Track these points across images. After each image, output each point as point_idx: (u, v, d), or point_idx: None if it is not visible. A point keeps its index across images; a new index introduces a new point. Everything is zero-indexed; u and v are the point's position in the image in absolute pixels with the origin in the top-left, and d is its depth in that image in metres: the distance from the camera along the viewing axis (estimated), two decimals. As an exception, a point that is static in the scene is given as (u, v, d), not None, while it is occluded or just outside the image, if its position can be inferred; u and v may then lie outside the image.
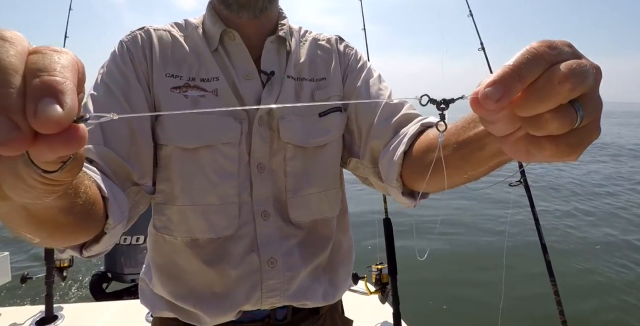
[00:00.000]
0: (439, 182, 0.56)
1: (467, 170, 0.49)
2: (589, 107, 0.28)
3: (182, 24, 0.76)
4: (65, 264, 2.17)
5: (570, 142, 0.29)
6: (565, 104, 0.28)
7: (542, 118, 0.27)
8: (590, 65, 0.28)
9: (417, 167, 0.60)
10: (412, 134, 0.62)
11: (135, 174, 0.64)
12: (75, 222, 0.43)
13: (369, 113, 0.72)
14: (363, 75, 0.77)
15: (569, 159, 0.30)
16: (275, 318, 0.76)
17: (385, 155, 0.66)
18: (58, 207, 0.37)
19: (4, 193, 0.25)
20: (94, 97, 0.64)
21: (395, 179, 0.63)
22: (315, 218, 0.76)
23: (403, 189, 0.64)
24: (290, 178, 0.73)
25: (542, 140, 0.29)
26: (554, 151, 0.29)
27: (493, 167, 0.47)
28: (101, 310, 2.08)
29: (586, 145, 0.30)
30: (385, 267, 1.89)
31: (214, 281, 0.72)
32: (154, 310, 0.77)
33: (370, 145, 0.71)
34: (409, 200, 0.64)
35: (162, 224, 0.72)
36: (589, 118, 0.28)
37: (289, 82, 0.73)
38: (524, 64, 0.27)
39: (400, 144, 0.63)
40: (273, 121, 0.71)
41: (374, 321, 1.92)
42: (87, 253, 0.53)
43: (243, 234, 0.71)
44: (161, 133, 0.67)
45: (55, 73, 0.22)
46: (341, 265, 0.83)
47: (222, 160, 0.68)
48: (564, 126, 0.27)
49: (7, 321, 1.94)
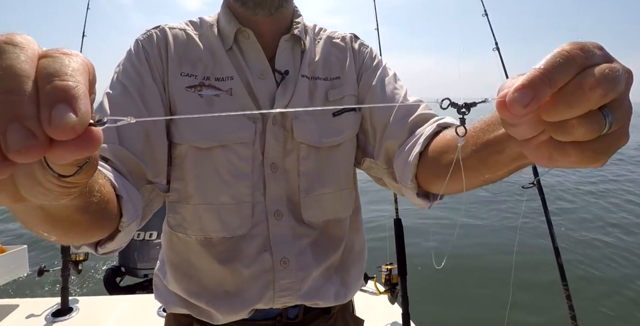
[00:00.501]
0: (456, 184, 0.54)
1: (484, 172, 0.47)
2: (618, 113, 0.27)
3: (197, 23, 0.76)
4: (80, 258, 2.22)
5: (596, 148, 0.27)
6: (594, 110, 0.26)
7: (569, 124, 0.26)
8: (622, 69, 0.27)
9: (432, 168, 0.59)
10: (428, 135, 0.61)
11: (149, 173, 0.64)
12: (90, 220, 0.44)
13: (384, 113, 0.72)
14: (378, 74, 0.76)
15: (594, 165, 0.29)
16: (287, 316, 0.76)
17: (400, 156, 0.66)
18: (73, 206, 0.37)
19: (21, 195, 0.25)
20: (109, 96, 0.65)
21: (410, 180, 0.62)
22: (328, 218, 0.76)
23: (418, 190, 0.63)
24: (304, 178, 0.73)
25: (566, 146, 0.28)
26: (578, 157, 0.27)
27: (512, 170, 0.45)
28: (115, 304, 2.12)
29: (613, 151, 0.28)
30: (395, 267, 1.88)
31: (226, 280, 0.72)
32: (167, 305, 0.78)
33: (385, 145, 0.70)
34: (423, 201, 0.63)
35: (176, 222, 0.73)
36: (617, 124, 0.27)
37: (303, 81, 0.73)
38: (555, 67, 0.26)
39: (416, 145, 0.62)
40: (287, 121, 0.71)
41: (383, 321, 1.92)
42: (102, 251, 0.54)
43: (256, 233, 0.71)
44: (176, 132, 0.68)
45: (66, 77, 0.22)
46: (353, 265, 0.82)
47: (235, 160, 0.69)
48: (591, 133, 0.26)
49: (24, 312, 1.99)
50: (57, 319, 1.92)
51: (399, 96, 0.72)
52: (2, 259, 2.01)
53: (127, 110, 0.63)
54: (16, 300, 2.11)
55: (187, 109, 0.68)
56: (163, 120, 0.68)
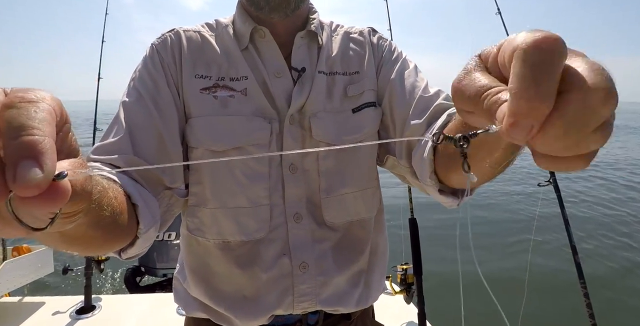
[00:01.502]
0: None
1: (483, 157, 0.43)
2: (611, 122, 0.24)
3: (212, 24, 0.75)
4: (103, 257, 2.28)
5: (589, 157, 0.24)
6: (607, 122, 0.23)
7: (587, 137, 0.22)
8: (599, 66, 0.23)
9: (443, 160, 0.56)
10: (439, 126, 0.58)
11: (166, 179, 0.63)
12: (105, 234, 0.43)
13: (403, 107, 0.68)
14: (397, 67, 0.73)
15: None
16: (307, 323, 0.75)
17: (417, 152, 0.62)
18: (85, 224, 0.36)
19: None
20: (125, 104, 0.64)
21: (429, 177, 0.58)
22: (351, 219, 0.73)
23: (441, 186, 0.59)
24: (324, 178, 0.70)
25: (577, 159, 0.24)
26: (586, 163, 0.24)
27: (507, 152, 0.40)
28: (135, 302, 2.17)
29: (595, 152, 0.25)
30: (410, 267, 1.88)
31: (245, 285, 0.71)
32: (187, 309, 0.77)
33: (405, 142, 0.67)
34: (448, 198, 0.58)
35: (194, 226, 0.72)
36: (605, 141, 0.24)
37: (320, 77, 0.70)
38: (537, 79, 0.21)
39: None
40: (305, 119, 0.69)
41: (399, 321, 1.92)
42: (125, 256, 0.55)
43: (275, 237, 0.70)
44: (191, 136, 0.67)
45: (33, 131, 0.22)
46: (377, 267, 0.79)
47: (251, 162, 0.67)
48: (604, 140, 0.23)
49: (50, 309, 2.06)
50: (81, 316, 1.99)
51: (419, 89, 0.68)
52: (29, 258, 2.09)
53: (141, 118, 0.63)
54: (42, 298, 2.19)
55: (202, 112, 0.67)
56: (176, 125, 0.66)
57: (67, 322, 1.93)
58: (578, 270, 1.34)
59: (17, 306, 2.10)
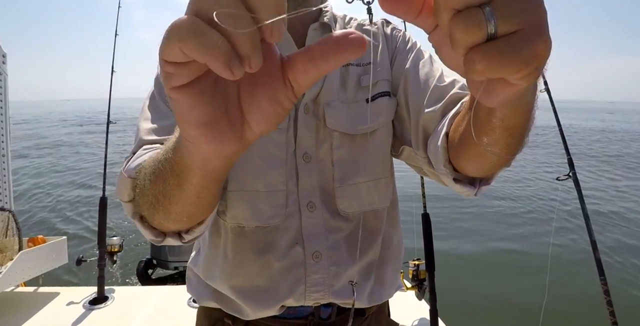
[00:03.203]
0: (477, 163, 0.51)
1: (480, 136, 0.43)
2: (504, 7, 0.23)
3: None
4: (115, 249, 2.31)
5: (499, 48, 0.23)
6: (472, 7, 0.23)
7: (446, 25, 0.24)
8: None
9: (454, 148, 0.55)
10: (452, 115, 0.57)
11: None
12: (214, 197, 0.47)
13: (418, 97, 0.68)
14: (412, 57, 0.72)
15: (516, 76, 0.25)
16: (320, 316, 0.74)
17: (432, 141, 0.62)
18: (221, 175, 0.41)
19: (253, 131, 0.31)
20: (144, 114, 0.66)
21: (443, 165, 0.57)
22: (364, 209, 0.73)
23: (455, 175, 0.58)
24: (338, 167, 0.70)
25: (470, 53, 0.24)
26: (484, 63, 0.24)
27: (497, 128, 0.41)
28: (147, 294, 2.20)
29: (526, 54, 0.24)
30: (422, 263, 1.86)
31: (257, 273, 0.71)
32: (199, 299, 0.78)
33: (421, 131, 0.66)
34: (466, 188, 0.57)
35: (221, 208, 0.72)
36: (509, 21, 0.23)
37: None
38: None
39: (443, 127, 0.58)
40: (319, 109, 0.69)
41: (410, 317, 1.90)
42: (189, 237, 0.53)
43: (289, 225, 0.70)
44: None
45: None
46: (390, 262, 0.79)
47: (270, 146, 0.68)
48: (469, 29, 0.23)
49: (65, 299, 2.10)
50: (94, 307, 2.01)
51: (433, 78, 0.67)
52: (44, 249, 2.12)
53: (159, 128, 0.63)
54: (57, 288, 2.23)
55: None
56: None
57: (81, 312, 1.96)
58: (598, 266, 1.30)
59: (32, 296, 2.14)
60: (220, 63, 0.24)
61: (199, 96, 0.28)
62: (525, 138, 0.44)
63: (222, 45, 0.24)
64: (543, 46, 0.24)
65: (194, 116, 0.28)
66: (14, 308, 2.01)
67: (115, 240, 2.30)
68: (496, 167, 0.51)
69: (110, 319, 1.92)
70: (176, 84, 0.27)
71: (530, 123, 0.41)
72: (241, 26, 0.24)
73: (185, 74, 0.26)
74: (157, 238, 0.52)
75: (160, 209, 0.46)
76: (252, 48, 0.25)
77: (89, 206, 6.19)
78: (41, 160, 10.65)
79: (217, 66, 0.24)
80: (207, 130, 0.29)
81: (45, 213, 6.11)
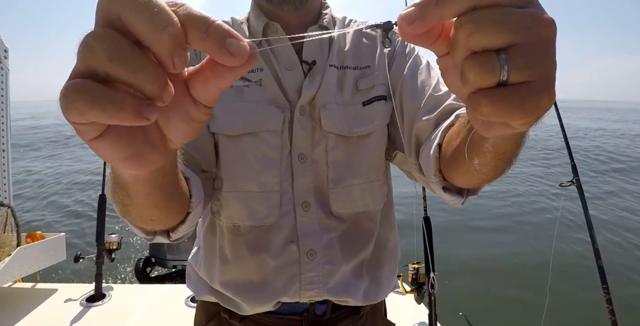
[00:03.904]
0: (467, 176, 0.54)
1: (472, 157, 0.46)
2: (520, 60, 0.24)
3: (229, 22, 0.78)
4: (114, 246, 2.30)
5: (507, 97, 0.24)
6: (489, 51, 0.24)
7: (462, 63, 0.25)
8: (525, 15, 0.24)
9: (445, 159, 0.57)
10: (446, 126, 0.59)
11: (202, 162, 0.67)
12: (180, 196, 0.50)
13: (413, 105, 0.69)
14: (409, 63, 0.73)
15: (517, 122, 0.26)
16: (315, 313, 0.76)
17: (424, 149, 0.64)
18: (170, 176, 0.43)
19: (169, 143, 0.31)
20: None
21: (434, 174, 0.60)
22: (357, 210, 0.75)
23: (445, 184, 0.60)
24: (332, 168, 0.72)
25: (477, 94, 0.25)
26: (490, 108, 0.25)
27: (489, 152, 0.43)
28: (145, 292, 2.19)
29: (531, 106, 0.25)
30: (422, 267, 1.84)
31: (253, 270, 0.73)
32: (198, 294, 0.80)
33: (414, 138, 0.68)
34: (452, 196, 0.60)
35: (215, 209, 0.74)
36: (520, 72, 0.24)
37: (331, 71, 0.72)
38: None
39: (436, 137, 0.60)
40: (315, 111, 0.71)
41: (409, 322, 1.88)
42: (175, 236, 0.56)
43: (284, 224, 0.72)
44: (211, 123, 0.69)
45: (213, 19, 0.26)
46: (386, 263, 0.80)
47: (264, 148, 0.69)
48: (482, 73, 0.24)
49: (62, 296, 2.09)
50: (92, 304, 2.01)
51: (429, 87, 0.69)
52: (42, 245, 2.12)
53: None
54: (55, 285, 2.22)
55: (219, 98, 0.69)
56: None
57: (79, 310, 1.96)
58: (601, 274, 1.28)
59: (30, 292, 2.14)
60: (130, 118, 0.24)
61: (117, 140, 0.27)
62: (514, 160, 0.46)
63: (125, 100, 0.23)
64: (547, 100, 0.25)
65: (117, 155, 0.28)
66: (11, 304, 2.00)
67: (114, 237, 2.30)
68: (484, 182, 0.54)
69: (108, 317, 1.91)
70: (91, 137, 0.26)
71: (521, 149, 0.43)
72: (141, 70, 0.23)
73: (95, 129, 0.25)
74: (148, 236, 0.55)
75: (126, 212, 0.48)
76: (160, 88, 0.24)
77: (89, 203, 6.21)
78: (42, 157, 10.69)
79: (128, 121, 0.24)
80: (132, 161, 0.29)
81: (45, 210, 6.12)
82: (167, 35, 0.23)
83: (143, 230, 0.54)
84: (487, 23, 0.24)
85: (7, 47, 2.38)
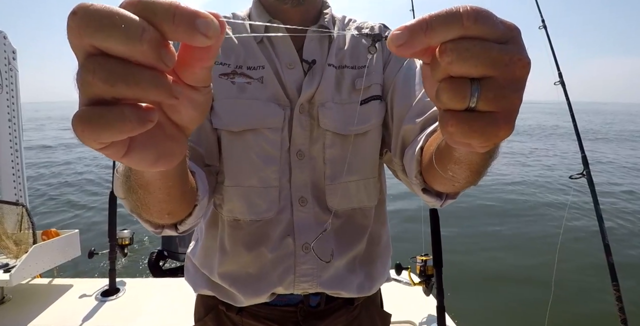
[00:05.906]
0: (443, 182, 0.56)
1: (446, 164, 0.49)
2: (490, 92, 0.26)
3: (230, 17, 0.78)
4: (126, 242, 2.34)
5: (471, 122, 0.27)
6: (464, 78, 0.26)
7: (439, 84, 0.27)
8: (505, 51, 0.26)
9: (425, 163, 0.60)
10: (430, 131, 0.62)
11: (205, 157, 0.69)
12: (190, 188, 0.53)
13: (401, 107, 0.71)
14: (403, 66, 0.75)
15: (476, 145, 0.29)
16: (309, 304, 0.78)
17: (408, 152, 0.66)
18: (180, 170, 0.45)
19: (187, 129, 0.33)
20: None
21: (415, 176, 0.62)
22: (353, 206, 0.77)
23: (425, 186, 0.63)
24: (329, 165, 0.74)
25: (447, 113, 0.28)
26: (455, 128, 0.27)
27: (460, 161, 0.46)
28: (158, 286, 2.24)
29: (489, 134, 0.27)
30: (430, 259, 1.84)
31: (250, 263, 0.75)
32: (195, 287, 0.82)
33: (400, 140, 0.70)
34: (432, 198, 0.63)
35: (218, 202, 0.76)
36: (488, 103, 0.26)
37: (330, 70, 0.74)
38: (437, 19, 0.26)
39: (419, 141, 0.62)
40: (313, 109, 0.72)
41: (417, 313, 1.89)
42: (182, 228, 0.59)
43: (281, 218, 0.74)
44: (214, 119, 0.70)
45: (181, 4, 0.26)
46: (379, 258, 0.83)
47: (265, 145, 0.71)
48: (454, 99, 0.26)
49: (78, 291, 2.15)
50: (106, 298, 2.06)
51: (419, 92, 0.71)
52: (57, 242, 2.16)
53: None
54: (71, 280, 2.28)
55: (221, 95, 0.71)
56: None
57: (94, 304, 2.01)
58: (611, 271, 1.26)
59: (47, 288, 2.20)
60: (138, 126, 0.25)
61: (144, 148, 0.29)
62: (484, 172, 0.48)
63: (124, 112, 0.24)
64: (505, 132, 0.28)
65: (149, 160, 0.30)
66: (31, 299, 2.06)
67: (126, 233, 2.34)
68: (457, 189, 0.57)
69: (122, 310, 1.97)
70: (121, 155, 0.28)
71: (491, 162, 0.45)
72: (142, 81, 0.24)
73: (119, 147, 0.27)
74: (156, 230, 0.58)
75: (142, 209, 0.51)
76: (166, 89, 0.25)
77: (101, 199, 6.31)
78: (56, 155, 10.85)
79: (138, 129, 0.25)
80: (163, 160, 0.31)
81: (59, 207, 6.25)
82: (145, 44, 0.23)
83: (152, 224, 0.56)
84: (468, 55, 0.25)
85: (15, 49, 2.41)
